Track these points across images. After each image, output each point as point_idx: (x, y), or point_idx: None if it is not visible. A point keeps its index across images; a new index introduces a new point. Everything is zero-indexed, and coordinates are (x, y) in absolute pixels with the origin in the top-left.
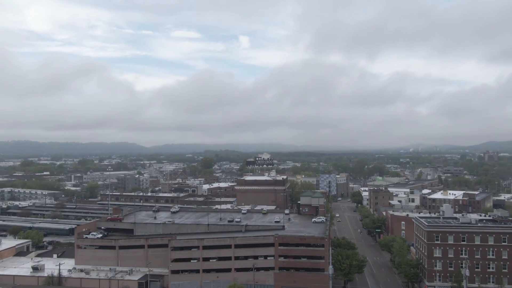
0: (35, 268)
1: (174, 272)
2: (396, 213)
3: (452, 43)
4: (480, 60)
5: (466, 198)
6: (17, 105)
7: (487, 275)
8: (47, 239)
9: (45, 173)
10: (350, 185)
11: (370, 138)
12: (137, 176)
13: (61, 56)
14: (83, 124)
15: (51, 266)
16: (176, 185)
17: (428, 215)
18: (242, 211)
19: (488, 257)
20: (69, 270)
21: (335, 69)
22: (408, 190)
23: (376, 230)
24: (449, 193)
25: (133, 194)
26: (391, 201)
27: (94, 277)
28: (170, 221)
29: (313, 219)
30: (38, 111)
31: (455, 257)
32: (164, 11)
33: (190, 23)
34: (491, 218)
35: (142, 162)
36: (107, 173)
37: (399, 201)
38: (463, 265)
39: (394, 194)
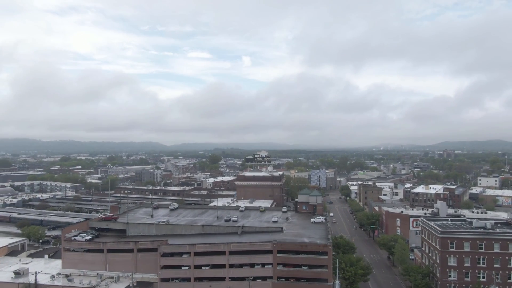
0: (17, 273)
1: (163, 280)
2: (390, 210)
3: (423, 59)
4: (446, 73)
5: (446, 193)
6: (63, 111)
7: (507, 287)
8: (55, 233)
9: (77, 167)
10: (337, 179)
11: (349, 139)
12: (152, 170)
13: (99, 72)
14: (117, 126)
15: (39, 268)
16: (184, 179)
17: (420, 211)
18: (240, 209)
19: (509, 266)
20: (53, 276)
21: (323, 82)
22: (392, 184)
23: (371, 226)
24: (430, 188)
25: (144, 187)
26: (381, 196)
27: (77, 285)
28: (164, 221)
29: (312, 219)
30: (80, 116)
31: (472, 266)
32: (182, 36)
33: (203, 46)
34: (505, 221)
35: (161, 158)
36: (129, 167)
37: (385, 194)
38: (483, 277)
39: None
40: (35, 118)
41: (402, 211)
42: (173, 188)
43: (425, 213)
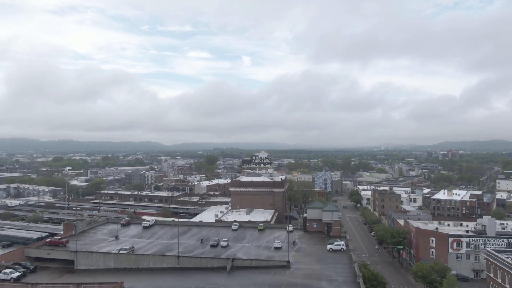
0: None
1: None
2: (421, 226)
3: (431, 56)
4: (456, 71)
5: (474, 200)
6: (62, 110)
7: None
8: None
9: (67, 168)
10: (343, 182)
11: (349, 138)
12: (142, 172)
13: (98, 71)
14: (116, 126)
15: None
16: (174, 183)
17: (459, 227)
18: (233, 226)
19: None
20: None
21: (328, 80)
22: (408, 189)
23: (398, 247)
24: (454, 194)
25: (128, 193)
26: (404, 206)
27: None
28: (126, 249)
29: (329, 246)
30: (79, 115)
31: None
32: (182, 36)
33: (203, 45)
34: None
35: (158, 158)
36: (122, 168)
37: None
38: None
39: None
40: (34, 117)
41: (437, 228)
42: (160, 193)
43: (467, 231)
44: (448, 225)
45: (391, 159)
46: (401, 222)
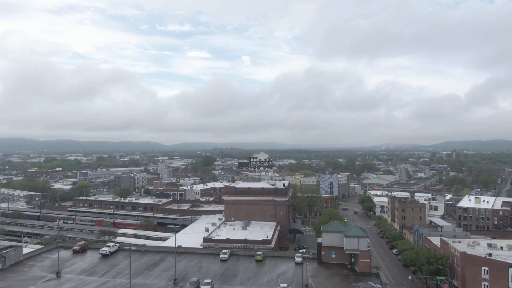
0: None
1: None
2: (469, 251)
3: (440, 52)
4: (466, 68)
5: (507, 208)
6: (61, 110)
7: None
8: None
9: (57, 169)
10: (350, 185)
11: (350, 138)
12: (133, 174)
13: (98, 70)
14: (115, 125)
15: None
16: (164, 187)
17: None
18: (221, 256)
19: None
20: None
21: (333, 78)
22: (428, 195)
23: (437, 277)
24: (482, 201)
25: (109, 199)
26: (434, 220)
27: None
28: None
29: None
30: (78, 115)
31: None
32: (181, 36)
33: (202, 45)
34: None
35: (156, 158)
36: (114, 169)
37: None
38: None
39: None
40: (32, 117)
41: (490, 254)
42: (145, 201)
43: None
44: (501, 248)
45: (395, 160)
46: (435, 240)
